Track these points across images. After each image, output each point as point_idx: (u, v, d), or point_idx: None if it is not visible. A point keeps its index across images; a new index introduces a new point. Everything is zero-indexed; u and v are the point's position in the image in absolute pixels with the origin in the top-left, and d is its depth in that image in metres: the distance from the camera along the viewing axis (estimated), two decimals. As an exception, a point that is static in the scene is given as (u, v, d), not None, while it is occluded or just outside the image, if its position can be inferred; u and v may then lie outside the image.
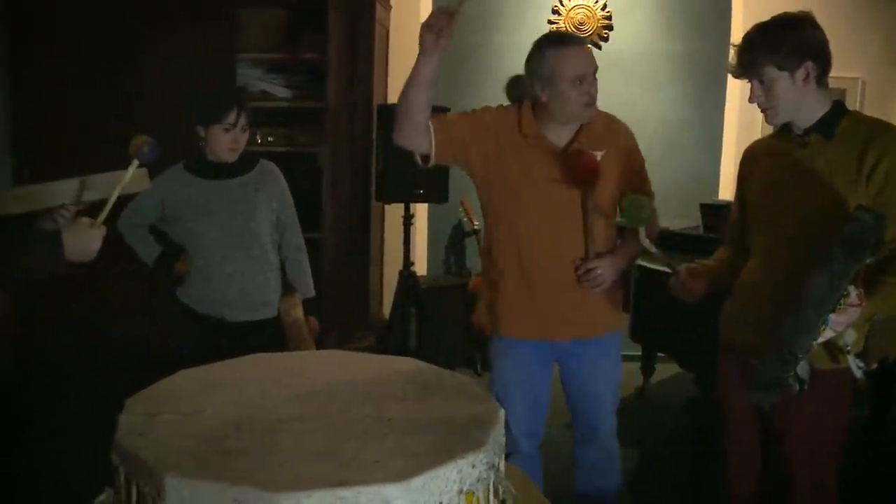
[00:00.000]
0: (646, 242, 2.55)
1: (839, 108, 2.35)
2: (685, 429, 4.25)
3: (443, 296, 5.45)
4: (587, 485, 3.02)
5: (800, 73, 2.28)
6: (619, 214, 2.76)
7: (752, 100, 2.38)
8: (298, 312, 3.33)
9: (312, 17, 4.74)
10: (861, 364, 2.22)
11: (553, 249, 2.74)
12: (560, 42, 2.71)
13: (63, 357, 4.20)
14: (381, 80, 5.45)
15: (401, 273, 4.78)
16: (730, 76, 2.48)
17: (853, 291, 2.05)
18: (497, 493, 1.50)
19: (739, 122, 5.75)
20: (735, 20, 5.66)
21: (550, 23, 5.73)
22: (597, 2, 5.74)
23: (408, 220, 4.75)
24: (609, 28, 5.76)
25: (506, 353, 2.89)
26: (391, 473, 1.31)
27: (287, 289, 3.37)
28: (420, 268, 5.76)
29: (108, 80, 4.38)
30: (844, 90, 5.42)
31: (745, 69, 2.36)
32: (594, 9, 5.74)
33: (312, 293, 3.42)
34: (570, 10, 5.73)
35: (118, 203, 2.26)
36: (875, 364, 3.56)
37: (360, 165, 5.10)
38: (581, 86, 2.64)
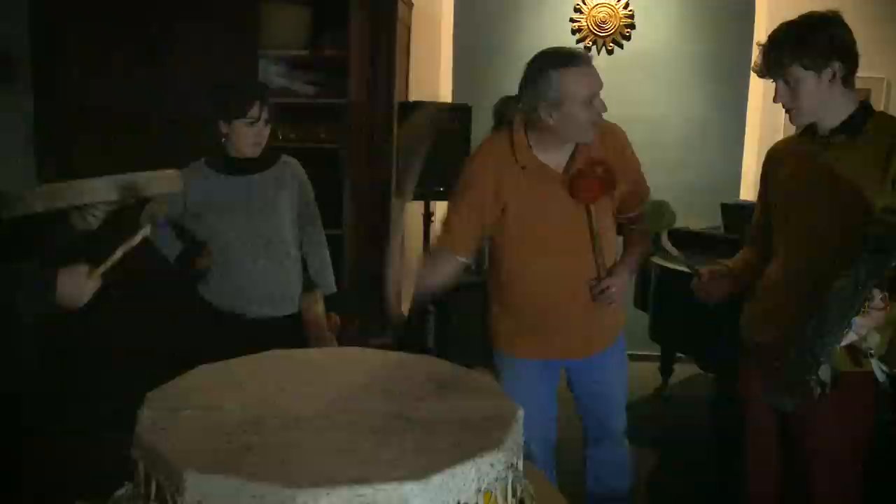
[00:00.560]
0: (668, 246, 2.54)
1: (865, 109, 2.33)
2: (704, 429, 4.23)
3: (462, 294, 5.42)
4: (600, 485, 3.01)
5: (826, 74, 2.26)
6: (641, 221, 2.74)
7: (777, 100, 2.36)
8: (319, 308, 3.33)
9: (334, 14, 4.75)
10: (885, 367, 2.19)
11: (563, 275, 2.71)
12: (566, 61, 2.55)
13: (83, 353, 4.22)
14: (403, 78, 5.45)
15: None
16: (752, 76, 2.46)
17: (877, 294, 2.02)
18: (515, 493, 1.50)
19: (762, 123, 5.71)
20: (758, 19, 5.62)
21: (572, 21, 5.72)
22: (619, 0, 5.72)
23: (428, 218, 4.75)
24: (631, 27, 5.73)
25: (514, 370, 2.86)
26: (410, 472, 1.31)
27: (309, 285, 3.37)
28: (440, 266, 5.75)
29: (132, 76, 4.38)
30: (869, 90, 5.37)
31: (771, 69, 2.33)
32: (616, 7, 5.71)
33: (334, 289, 3.43)
34: (593, 9, 5.71)
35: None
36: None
37: (381, 162, 5.10)
38: (591, 106, 2.54)
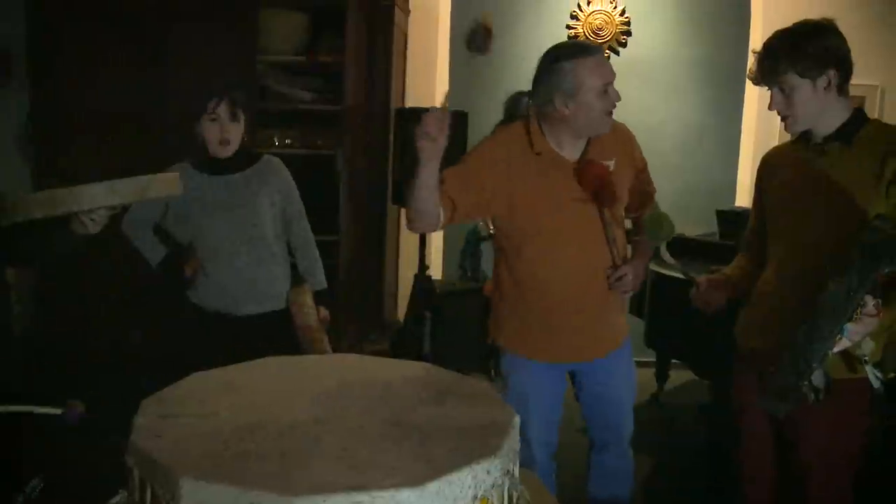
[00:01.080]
0: (666, 256, 2.54)
1: (860, 117, 2.33)
2: (699, 435, 4.24)
3: (458, 300, 5.44)
4: (602, 491, 3.00)
5: (821, 81, 2.26)
6: (639, 232, 2.74)
7: (773, 107, 2.36)
8: (307, 300, 3.35)
9: (332, 21, 4.76)
10: (879, 374, 2.20)
11: (576, 267, 2.71)
12: (580, 52, 2.62)
13: (76, 359, 4.22)
14: (399, 84, 5.46)
15: (416, 277, 4.78)
16: (748, 83, 2.47)
17: (870, 301, 2.02)
18: (511, 499, 1.50)
19: (757, 129, 5.73)
20: (754, 26, 5.65)
21: (569, 27, 5.74)
22: (615, 7, 5.74)
23: (424, 224, 4.74)
24: (627, 34, 5.75)
25: (522, 370, 2.86)
26: (406, 478, 1.31)
27: (299, 281, 3.40)
28: (435, 272, 5.76)
29: (129, 81, 4.38)
30: (863, 98, 5.38)
31: (766, 76, 2.34)
32: (612, 14, 5.74)
33: (324, 285, 3.45)
34: (589, 16, 5.73)
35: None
36: (892, 374, 3.53)
37: (378, 168, 5.11)
38: (606, 95, 2.58)
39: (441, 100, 5.72)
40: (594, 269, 2.72)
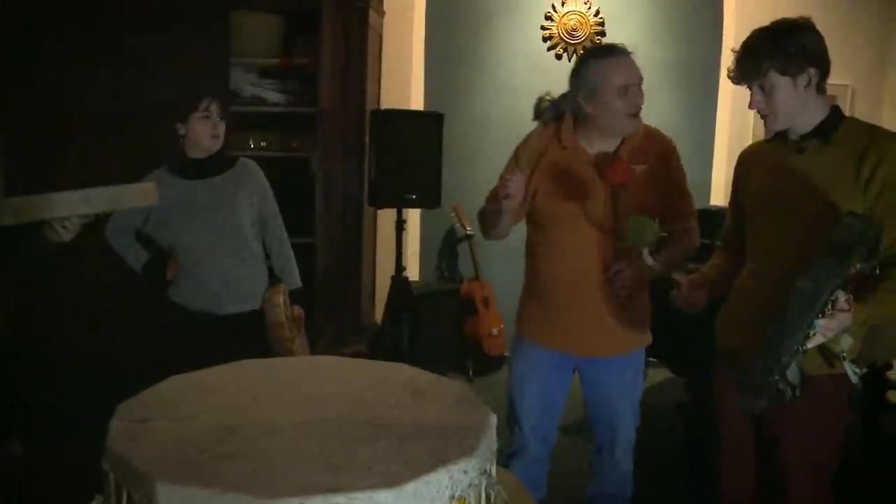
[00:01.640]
0: (648, 260, 2.55)
1: (837, 115, 2.34)
2: (677, 434, 4.26)
3: (435, 301, 5.45)
4: (600, 492, 3.02)
5: (802, 79, 2.27)
6: (623, 238, 2.75)
7: (753, 106, 2.36)
8: (279, 299, 3.39)
9: (306, 23, 4.75)
10: (857, 370, 2.21)
11: (588, 255, 2.75)
12: (604, 53, 2.71)
13: (56, 362, 4.19)
14: (375, 86, 5.46)
15: (393, 278, 4.78)
16: (722, 82, 2.48)
17: (842, 296, 2.03)
18: (489, 499, 1.50)
19: (731, 129, 5.77)
20: (727, 27, 5.68)
21: (543, 28, 5.75)
22: (590, 8, 5.77)
23: (400, 226, 4.74)
24: (602, 34, 5.78)
25: (526, 355, 2.91)
26: (383, 479, 1.31)
27: (274, 281, 3.46)
28: (412, 273, 5.76)
29: (102, 84, 4.35)
30: (835, 97, 5.41)
31: (746, 75, 2.33)
32: (587, 15, 5.76)
33: (299, 284, 3.52)
34: (563, 17, 5.75)
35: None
36: (865, 369, 3.56)
37: (353, 171, 5.10)
38: (626, 96, 2.64)
39: (416, 101, 5.73)
40: (598, 262, 2.75)
